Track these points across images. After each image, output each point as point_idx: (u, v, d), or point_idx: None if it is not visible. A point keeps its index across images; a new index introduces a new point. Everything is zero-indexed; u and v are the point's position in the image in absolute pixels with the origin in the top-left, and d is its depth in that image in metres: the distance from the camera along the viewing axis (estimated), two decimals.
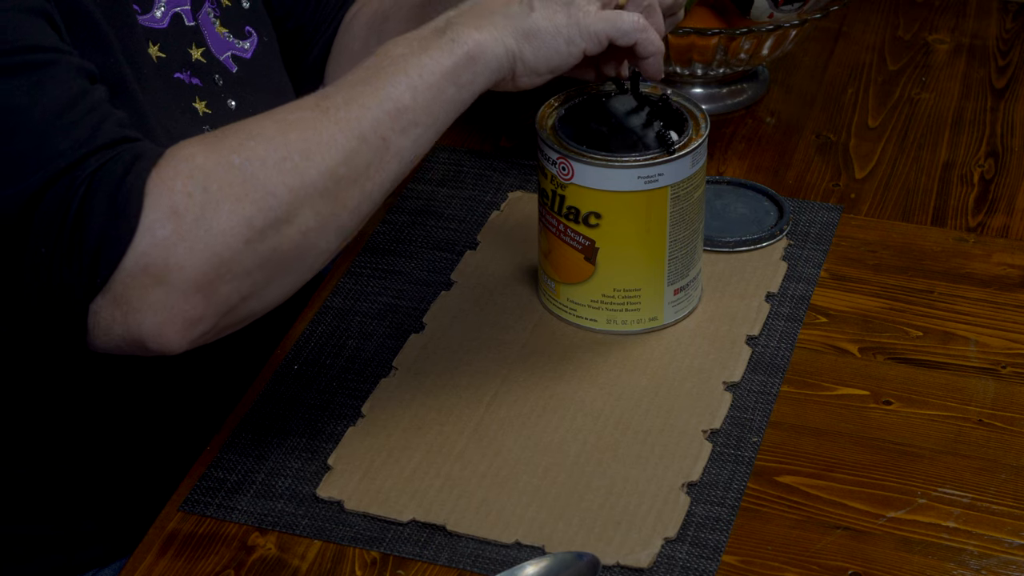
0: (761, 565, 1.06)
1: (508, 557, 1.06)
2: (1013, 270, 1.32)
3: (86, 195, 0.95)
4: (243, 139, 0.99)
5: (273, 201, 0.98)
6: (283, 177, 0.99)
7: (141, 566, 1.06)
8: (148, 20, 1.17)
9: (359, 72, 1.05)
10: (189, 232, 0.96)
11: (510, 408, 1.18)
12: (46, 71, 0.98)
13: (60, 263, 0.96)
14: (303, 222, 1.00)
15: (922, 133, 1.52)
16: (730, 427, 1.16)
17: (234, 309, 1.00)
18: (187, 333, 0.98)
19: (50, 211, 0.95)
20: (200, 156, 0.98)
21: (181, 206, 0.96)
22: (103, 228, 0.95)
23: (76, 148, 0.96)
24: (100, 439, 1.20)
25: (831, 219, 1.38)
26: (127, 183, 0.95)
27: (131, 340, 0.98)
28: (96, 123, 0.99)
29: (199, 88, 1.20)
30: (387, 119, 1.03)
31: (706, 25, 1.50)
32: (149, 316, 0.97)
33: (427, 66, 1.05)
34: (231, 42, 1.25)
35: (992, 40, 1.69)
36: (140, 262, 0.95)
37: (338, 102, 1.02)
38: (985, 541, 1.07)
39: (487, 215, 1.39)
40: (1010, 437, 1.16)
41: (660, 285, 1.23)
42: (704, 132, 1.21)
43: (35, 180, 0.95)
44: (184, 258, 0.96)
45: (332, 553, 1.07)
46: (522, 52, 1.09)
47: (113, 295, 0.96)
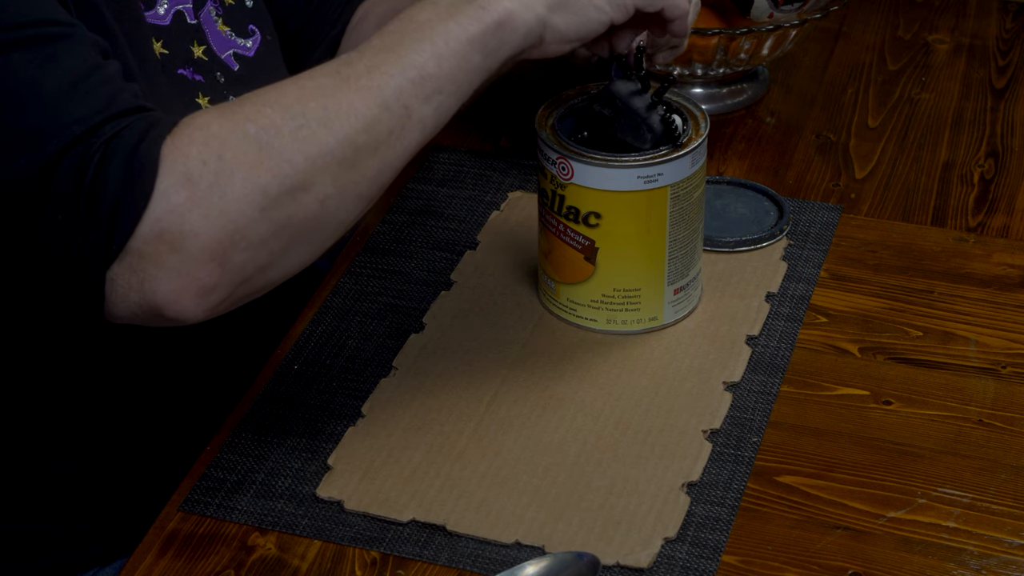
0: (761, 565, 1.06)
1: (508, 557, 1.06)
2: (1013, 270, 1.32)
3: (101, 162, 0.95)
4: (260, 107, 0.98)
5: (289, 168, 0.97)
6: (299, 145, 0.98)
7: (141, 566, 1.06)
8: (152, 16, 1.17)
9: (383, 37, 1.03)
10: (203, 199, 0.95)
11: (510, 408, 1.18)
12: (60, 43, 0.98)
13: (76, 230, 0.95)
14: (321, 190, 0.99)
15: (922, 133, 1.52)
16: (730, 427, 1.16)
17: (250, 278, 0.99)
18: (202, 301, 0.98)
19: (66, 178, 0.95)
20: (215, 124, 0.97)
21: (195, 173, 0.95)
22: (118, 194, 0.95)
23: (91, 116, 0.96)
24: (101, 438, 1.20)
25: (831, 219, 1.38)
26: (141, 150, 0.95)
27: (147, 307, 0.98)
28: (112, 93, 0.98)
29: (202, 84, 1.20)
30: (410, 87, 1.01)
31: (706, 25, 1.50)
32: (164, 283, 0.96)
33: (453, 32, 1.03)
34: (233, 40, 1.25)
35: (992, 40, 1.69)
36: (155, 228, 0.95)
37: (360, 69, 1.01)
38: (985, 541, 1.07)
39: (487, 215, 1.39)
40: (1010, 437, 1.16)
41: (660, 285, 1.23)
42: (704, 132, 1.21)
43: (50, 148, 0.95)
44: (198, 225, 0.95)
45: (332, 553, 1.07)
46: (552, 19, 1.07)
47: (129, 262, 0.96)
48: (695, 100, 1.25)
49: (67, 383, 1.17)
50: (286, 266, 1.01)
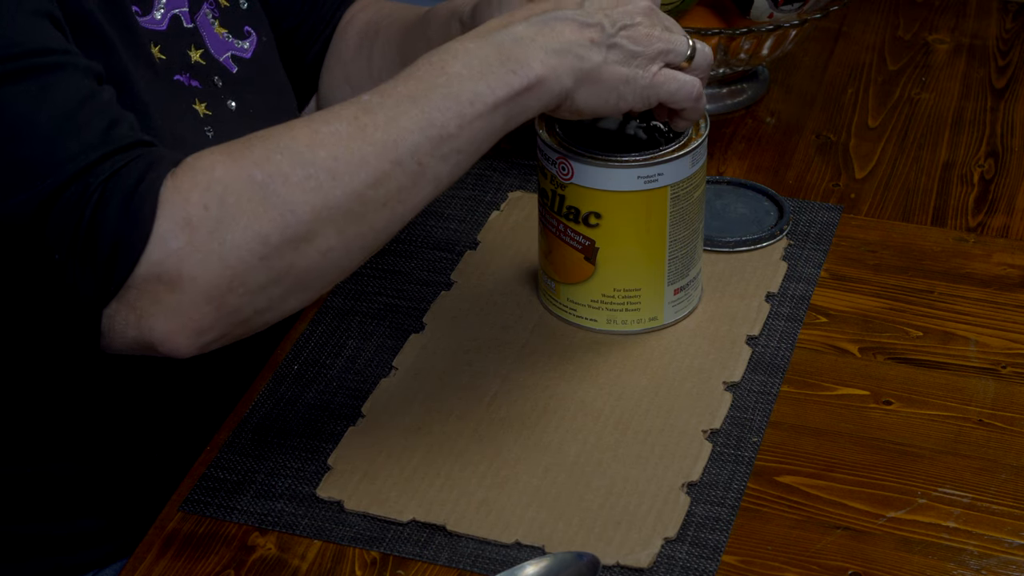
0: (761, 565, 1.06)
1: (508, 557, 1.06)
2: (1013, 270, 1.32)
3: (99, 202, 0.95)
4: (270, 151, 0.97)
5: (292, 219, 0.97)
6: (306, 196, 0.97)
7: (141, 566, 1.06)
8: (148, 22, 1.17)
9: (408, 83, 1.01)
10: (203, 244, 0.95)
11: (510, 408, 1.18)
12: (53, 74, 0.98)
13: (75, 269, 0.96)
14: (324, 242, 0.98)
15: (922, 133, 1.52)
16: (730, 427, 1.16)
17: (246, 320, 0.99)
18: (196, 340, 0.98)
19: (63, 217, 0.95)
20: (220, 168, 0.96)
21: (195, 218, 0.95)
22: (117, 236, 0.94)
23: (87, 151, 0.96)
24: (100, 439, 1.20)
25: (831, 219, 1.38)
26: (140, 191, 0.95)
27: (143, 343, 0.98)
28: (106, 126, 0.98)
29: (199, 90, 1.19)
30: (428, 144, 1.00)
31: (706, 25, 1.50)
32: (160, 322, 0.97)
33: (481, 95, 1.01)
34: (230, 42, 1.25)
35: (992, 40, 1.69)
36: (153, 271, 0.95)
37: (379, 120, 0.99)
38: (985, 541, 1.07)
39: (487, 215, 1.39)
40: (1010, 437, 1.16)
41: (660, 285, 1.23)
42: (704, 132, 1.21)
43: (47, 185, 0.95)
44: (196, 269, 0.95)
45: (332, 553, 1.07)
46: (575, 92, 1.06)
47: (127, 300, 0.96)
48: None
49: (67, 384, 1.17)
50: (283, 309, 1.01)
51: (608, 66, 1.07)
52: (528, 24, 1.05)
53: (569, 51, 1.05)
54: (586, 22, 1.06)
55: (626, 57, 1.07)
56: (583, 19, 1.06)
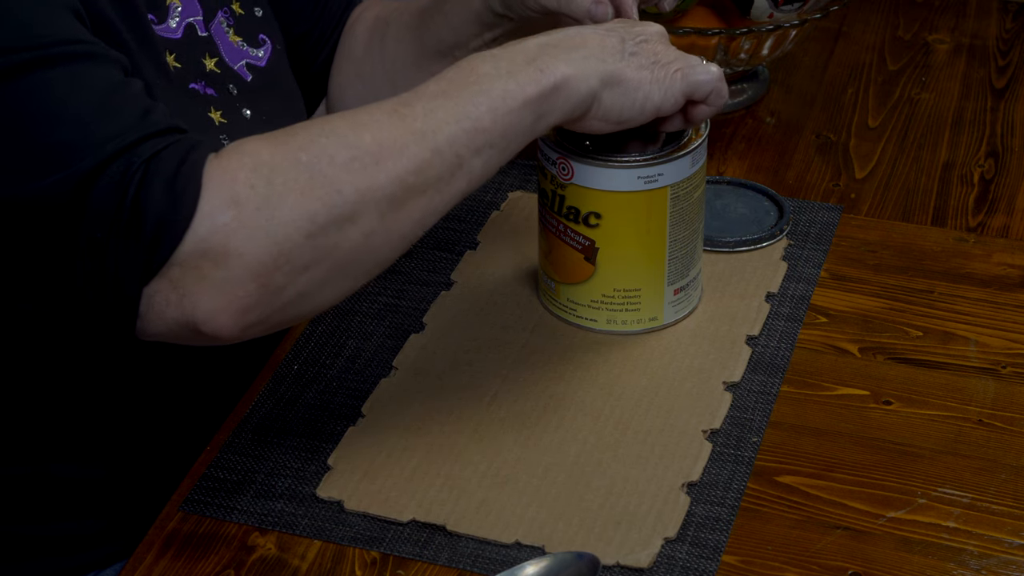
0: (761, 565, 1.06)
1: (508, 557, 1.06)
2: (1013, 270, 1.32)
3: (143, 181, 0.95)
4: (313, 136, 0.99)
5: (339, 199, 0.98)
6: (351, 176, 0.98)
7: (141, 566, 1.06)
8: (163, 30, 1.17)
9: (441, 83, 1.04)
10: (250, 219, 0.96)
11: (510, 408, 1.18)
12: (85, 62, 0.98)
13: (116, 246, 0.96)
14: (367, 224, 0.99)
15: (922, 133, 1.52)
16: (730, 427, 1.16)
17: (288, 304, 0.99)
18: (240, 319, 0.98)
19: (105, 196, 0.95)
20: (266, 152, 0.98)
21: (242, 195, 0.96)
22: (161, 212, 0.95)
23: (125, 133, 0.96)
24: (101, 439, 1.20)
25: (831, 219, 1.38)
26: (184, 171, 0.96)
27: (184, 323, 0.98)
28: (142, 110, 0.99)
29: (214, 98, 1.20)
30: (463, 136, 1.02)
31: (706, 25, 1.51)
32: (204, 300, 0.96)
33: (511, 91, 1.04)
34: (245, 51, 1.25)
35: (992, 40, 1.69)
36: (199, 246, 0.95)
37: (417, 111, 1.01)
38: (985, 541, 1.07)
39: (487, 215, 1.39)
40: (1010, 437, 1.16)
41: (660, 285, 1.23)
42: (704, 132, 1.21)
43: (85, 164, 0.95)
44: (244, 244, 0.95)
45: (332, 553, 1.07)
46: (603, 95, 1.08)
47: (169, 278, 0.96)
48: None
49: (67, 384, 1.17)
50: (322, 297, 1.01)
51: (631, 69, 1.09)
52: (550, 36, 1.09)
53: (592, 55, 1.08)
54: (605, 34, 1.10)
55: (647, 63, 1.10)
56: (600, 33, 1.10)
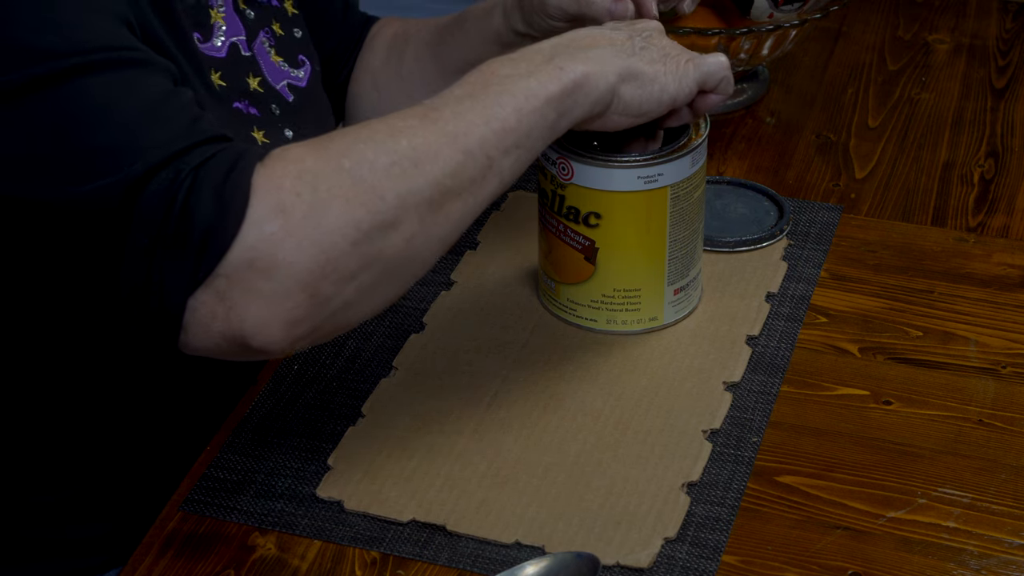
0: (761, 565, 1.06)
1: (508, 557, 1.06)
2: (1013, 270, 1.32)
3: (192, 188, 0.95)
4: (352, 143, 0.99)
5: (382, 205, 0.97)
6: (392, 182, 0.98)
7: (141, 566, 1.06)
8: (209, 48, 1.17)
9: (464, 87, 1.04)
10: (297, 228, 0.95)
11: (510, 408, 1.18)
12: (136, 68, 0.99)
13: (162, 255, 0.95)
14: (408, 228, 0.99)
15: (922, 133, 1.52)
16: (730, 427, 1.16)
17: (335, 313, 0.98)
18: (289, 332, 0.97)
19: (154, 202, 0.95)
20: (309, 159, 0.97)
21: (289, 204, 0.95)
22: (210, 220, 0.94)
23: (174, 140, 0.96)
24: (100, 440, 1.20)
25: (831, 219, 1.38)
26: (232, 179, 0.95)
27: (231, 337, 0.97)
28: (192, 118, 0.99)
29: (257, 118, 1.20)
30: (493, 138, 1.02)
31: (706, 25, 1.50)
32: (253, 312, 0.96)
33: (534, 90, 1.04)
34: (286, 71, 1.25)
35: (992, 40, 1.69)
36: (247, 255, 0.95)
37: (446, 115, 1.02)
38: (985, 541, 1.07)
39: (487, 215, 1.39)
40: (1010, 437, 1.16)
41: (660, 285, 1.23)
42: (704, 132, 1.21)
43: (133, 170, 0.95)
44: (292, 254, 0.95)
45: (332, 553, 1.07)
46: (621, 90, 1.09)
47: (216, 289, 0.95)
48: None
49: (68, 384, 1.17)
50: (367, 306, 1.00)
51: (643, 63, 1.11)
52: (561, 38, 1.10)
53: (606, 52, 1.09)
54: (612, 34, 1.11)
55: (658, 56, 1.12)
56: (609, 32, 1.12)
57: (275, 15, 1.26)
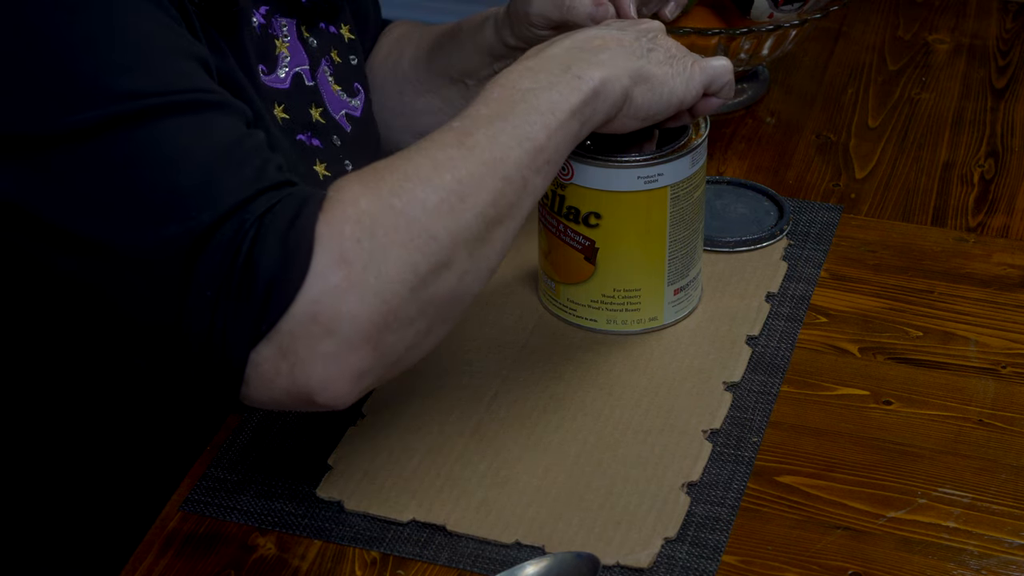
0: (761, 565, 1.06)
1: (508, 557, 1.06)
2: (1013, 270, 1.32)
3: (256, 237, 0.93)
4: (400, 180, 0.97)
5: (435, 245, 0.96)
6: (443, 221, 0.97)
7: (141, 566, 1.06)
8: (272, 80, 1.17)
9: (490, 106, 1.03)
10: (359, 279, 0.94)
11: (510, 408, 1.18)
12: (213, 111, 0.97)
13: (226, 307, 0.93)
14: (460, 266, 0.98)
15: (922, 133, 1.52)
16: (730, 427, 1.16)
17: (399, 360, 0.97)
18: (356, 385, 0.96)
19: (219, 253, 0.93)
20: (364, 200, 0.96)
21: (351, 253, 0.94)
22: (274, 272, 0.93)
23: (244, 187, 0.95)
24: (100, 439, 1.20)
25: (831, 219, 1.38)
26: (297, 227, 0.94)
27: (296, 393, 0.95)
28: (261, 164, 0.97)
29: (319, 150, 1.19)
30: (527, 159, 1.02)
31: (706, 25, 1.51)
32: (319, 368, 0.94)
33: (558, 103, 1.04)
34: (345, 100, 1.25)
35: (992, 40, 1.69)
36: (311, 309, 0.93)
37: (481, 140, 1.00)
38: (985, 541, 1.07)
39: None
40: (1010, 437, 1.16)
41: (660, 285, 1.23)
42: (704, 132, 1.21)
43: (204, 218, 0.93)
44: (355, 307, 0.93)
45: (332, 553, 1.07)
46: (634, 93, 1.09)
47: (279, 345, 0.94)
48: None
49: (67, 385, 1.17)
50: (426, 346, 0.99)
51: (653, 65, 1.11)
52: (571, 39, 1.10)
53: (618, 54, 1.09)
54: (620, 36, 1.11)
55: (665, 58, 1.12)
56: (616, 33, 1.11)
57: (334, 42, 1.26)
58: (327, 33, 1.26)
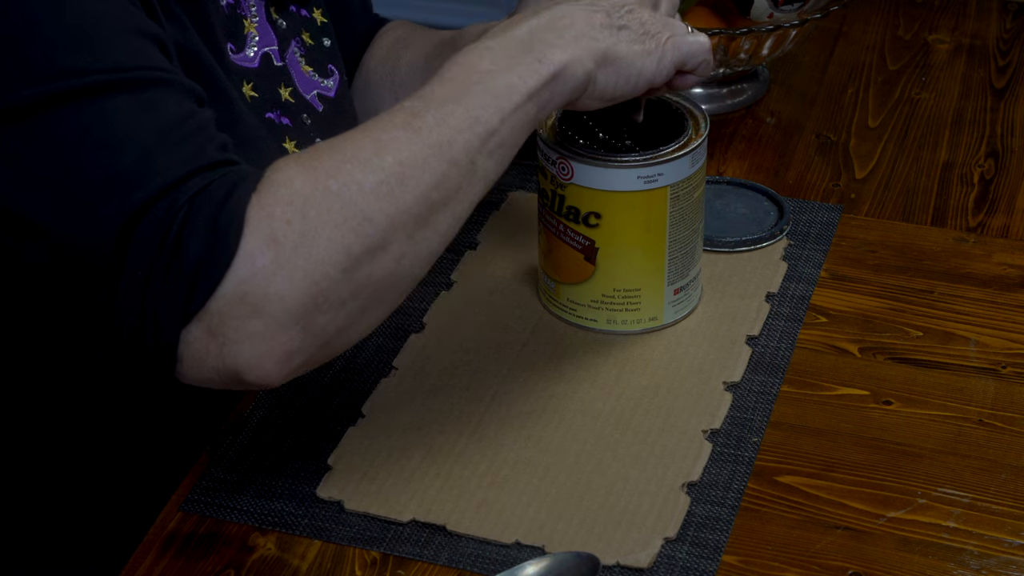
0: (761, 565, 1.06)
1: (508, 557, 1.06)
2: (1013, 270, 1.32)
3: (186, 218, 0.93)
4: (339, 161, 0.97)
5: (370, 228, 0.96)
6: (380, 203, 0.96)
7: (141, 566, 1.06)
8: (241, 59, 1.17)
9: (445, 86, 1.02)
10: (288, 261, 0.94)
11: (510, 408, 1.18)
12: (157, 89, 0.97)
13: (156, 286, 0.93)
14: (397, 248, 0.98)
15: (922, 133, 1.52)
16: (730, 427, 1.16)
17: (330, 341, 0.97)
18: (284, 365, 0.96)
19: (149, 232, 0.93)
20: (298, 180, 0.96)
21: (280, 234, 0.94)
22: (202, 253, 0.93)
23: (179, 167, 0.95)
24: (100, 440, 1.20)
25: (831, 219, 1.38)
26: (227, 208, 0.94)
27: (226, 372, 0.96)
28: (201, 143, 0.97)
29: (289, 128, 1.19)
30: (477, 142, 1.01)
31: (706, 25, 1.51)
32: (246, 348, 0.94)
33: (515, 87, 1.03)
34: (316, 81, 1.25)
35: (992, 40, 1.69)
36: (239, 290, 0.93)
37: (429, 122, 1.00)
38: (985, 541, 1.07)
39: (487, 215, 1.39)
40: (1010, 437, 1.16)
41: (660, 285, 1.23)
42: (704, 132, 1.21)
43: (137, 198, 0.93)
44: (283, 288, 0.94)
45: (332, 553, 1.07)
46: (597, 75, 1.07)
47: (208, 325, 0.94)
48: (695, 100, 1.25)
49: (68, 385, 1.17)
50: (361, 328, 0.99)
51: (622, 44, 1.08)
52: (539, 18, 1.07)
53: (584, 35, 1.07)
54: (591, 10, 1.09)
55: (637, 36, 1.09)
56: (588, 8, 1.09)
57: (305, 25, 1.26)
58: (297, 16, 1.25)
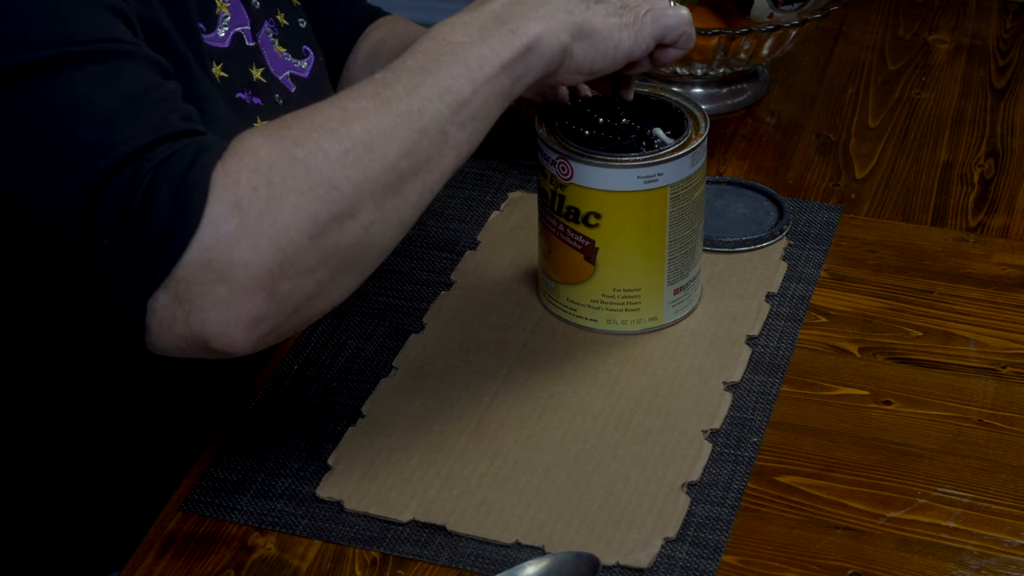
0: (761, 565, 1.06)
1: (508, 557, 1.06)
2: (1013, 270, 1.32)
3: (150, 186, 0.94)
4: (306, 130, 0.98)
5: (336, 195, 0.96)
6: (346, 171, 0.97)
7: (141, 566, 1.06)
8: (212, 39, 1.17)
9: (417, 57, 1.02)
10: (253, 227, 0.94)
11: (510, 408, 1.18)
12: (120, 61, 0.98)
13: (122, 255, 0.94)
14: (366, 216, 0.98)
15: (922, 133, 1.52)
16: (730, 427, 1.16)
17: (298, 309, 0.98)
18: (251, 332, 0.96)
19: (114, 201, 0.94)
20: (264, 149, 0.96)
21: (245, 201, 0.94)
22: (166, 221, 0.93)
23: (142, 136, 0.95)
24: (100, 439, 1.20)
25: (831, 219, 1.38)
26: (191, 175, 0.94)
27: (193, 340, 0.96)
28: (166, 113, 0.98)
29: (260, 108, 1.19)
30: (447, 112, 1.01)
31: (706, 25, 1.51)
32: (212, 314, 0.95)
33: (487, 58, 1.03)
34: (289, 61, 1.25)
35: (992, 40, 1.69)
36: (203, 257, 0.94)
37: (398, 91, 1.00)
38: (985, 541, 1.07)
39: (487, 215, 1.39)
40: (1010, 437, 1.16)
41: (660, 285, 1.23)
42: (704, 132, 1.21)
43: (101, 167, 0.94)
44: (248, 254, 0.94)
45: (332, 553, 1.07)
46: (573, 48, 1.07)
47: (175, 292, 0.95)
48: (695, 100, 1.25)
49: (68, 384, 1.17)
50: (331, 296, 1.00)
51: (599, 17, 1.08)
52: None
53: (559, 8, 1.07)
54: None
55: (615, 9, 1.10)
56: None
57: (280, 5, 1.26)
58: None
